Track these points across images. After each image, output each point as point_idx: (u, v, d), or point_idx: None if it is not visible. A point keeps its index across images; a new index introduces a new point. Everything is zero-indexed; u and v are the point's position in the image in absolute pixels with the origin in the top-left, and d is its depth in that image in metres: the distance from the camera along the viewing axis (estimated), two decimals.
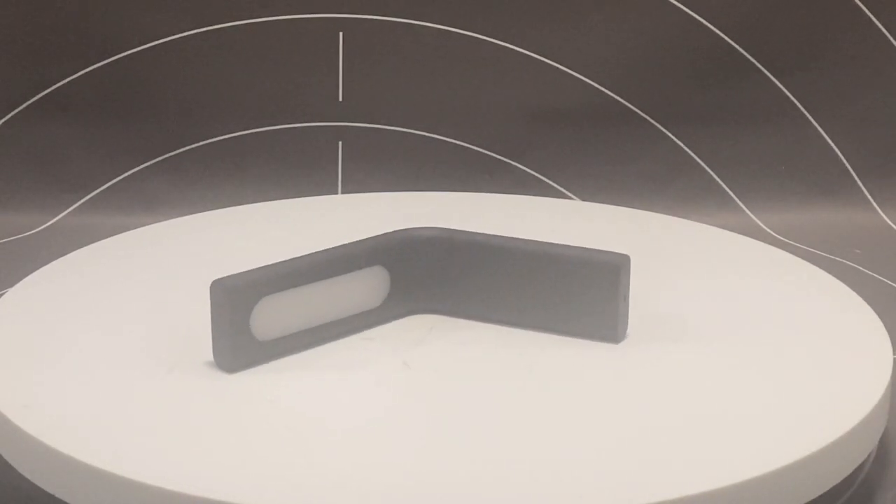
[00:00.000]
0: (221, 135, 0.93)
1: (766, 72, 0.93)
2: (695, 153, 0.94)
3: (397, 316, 0.62)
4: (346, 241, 0.68)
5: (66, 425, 0.52)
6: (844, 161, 0.94)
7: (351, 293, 0.60)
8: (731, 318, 0.63)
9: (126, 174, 0.93)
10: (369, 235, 0.63)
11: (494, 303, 0.62)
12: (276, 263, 0.58)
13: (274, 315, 0.57)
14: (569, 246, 0.61)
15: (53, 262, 0.69)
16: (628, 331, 0.61)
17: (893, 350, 0.60)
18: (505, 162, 0.94)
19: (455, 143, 0.94)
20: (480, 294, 0.62)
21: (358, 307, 0.61)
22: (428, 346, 0.60)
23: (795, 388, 0.56)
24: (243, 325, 0.56)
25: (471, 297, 0.62)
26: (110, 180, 0.93)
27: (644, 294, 0.64)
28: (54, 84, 0.92)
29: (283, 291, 0.57)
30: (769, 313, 0.63)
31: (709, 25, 0.92)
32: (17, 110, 0.92)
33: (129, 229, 0.75)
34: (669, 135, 0.94)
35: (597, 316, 0.60)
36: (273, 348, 0.57)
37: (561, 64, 0.93)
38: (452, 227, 0.63)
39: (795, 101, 0.93)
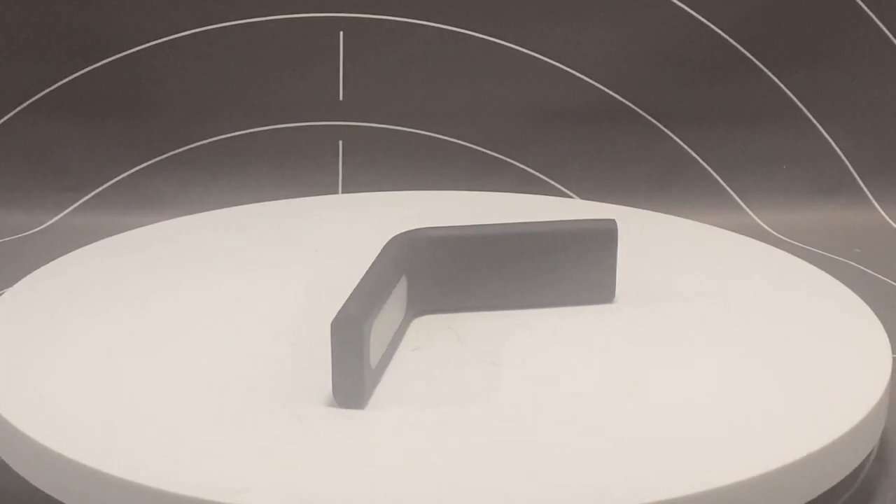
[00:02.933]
0: (221, 134, 0.93)
1: (767, 71, 0.93)
2: (695, 152, 0.94)
3: (409, 321, 0.62)
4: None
5: (65, 426, 0.52)
6: (845, 160, 0.94)
7: (393, 305, 0.60)
8: (731, 318, 0.63)
9: (126, 174, 0.93)
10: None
11: (494, 291, 0.63)
12: (363, 285, 0.56)
13: (375, 341, 0.56)
14: (554, 221, 0.63)
15: (53, 262, 0.69)
16: (627, 330, 0.61)
17: (893, 350, 0.60)
18: (505, 161, 0.94)
19: (455, 143, 0.94)
20: (480, 286, 0.63)
21: (398, 318, 0.60)
22: (480, 342, 0.60)
23: (795, 387, 0.56)
24: (366, 356, 0.54)
25: (471, 291, 0.63)
26: (110, 180, 0.93)
27: (643, 293, 0.64)
28: (54, 84, 0.92)
29: (378, 315, 0.56)
30: (769, 313, 0.63)
31: (709, 24, 0.92)
32: (17, 110, 0.92)
33: (129, 229, 0.75)
34: (670, 134, 0.94)
35: (595, 280, 0.63)
36: (375, 374, 0.56)
37: (561, 63, 0.93)
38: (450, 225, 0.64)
39: (796, 100, 0.93)
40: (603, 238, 0.63)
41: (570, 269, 0.63)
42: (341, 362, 0.53)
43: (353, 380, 0.53)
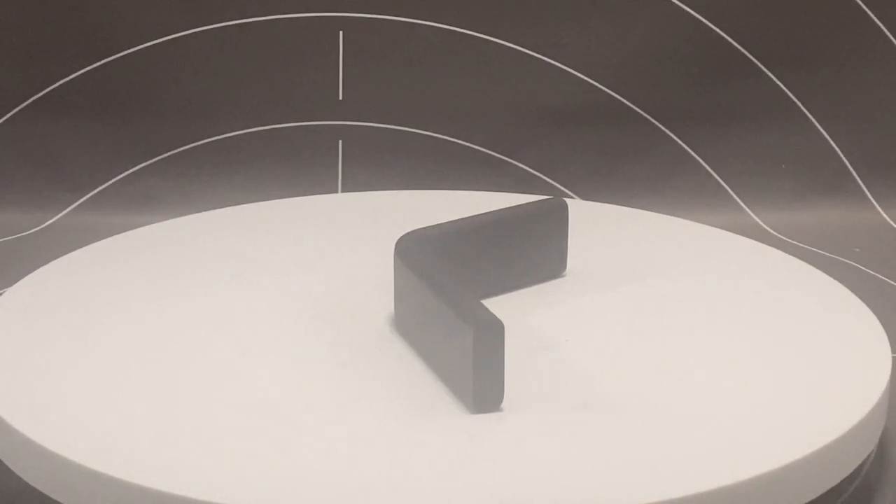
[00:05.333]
0: (221, 134, 0.93)
1: (765, 70, 0.93)
2: (695, 152, 0.94)
3: None
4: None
5: (65, 427, 0.52)
6: (844, 159, 0.94)
7: None
8: (731, 318, 0.63)
9: (126, 173, 0.93)
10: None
11: (481, 281, 0.63)
12: (450, 290, 0.57)
13: None
14: (512, 207, 0.65)
15: (53, 262, 0.69)
16: (625, 333, 0.61)
17: (893, 349, 0.60)
18: (505, 160, 0.94)
19: (455, 142, 0.94)
20: (469, 278, 0.63)
21: None
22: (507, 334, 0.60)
23: (794, 387, 0.56)
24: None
25: (463, 284, 0.63)
26: (110, 179, 0.93)
27: (643, 293, 0.64)
28: (54, 83, 0.92)
29: None
30: (768, 313, 0.63)
31: (709, 24, 0.92)
32: (17, 109, 0.92)
33: (129, 229, 0.75)
34: (669, 133, 0.94)
35: (550, 256, 0.65)
36: None
37: (561, 62, 0.93)
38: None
39: (795, 100, 0.93)
40: (556, 214, 0.65)
41: (539, 248, 0.65)
42: (483, 368, 0.53)
43: (492, 384, 0.53)
